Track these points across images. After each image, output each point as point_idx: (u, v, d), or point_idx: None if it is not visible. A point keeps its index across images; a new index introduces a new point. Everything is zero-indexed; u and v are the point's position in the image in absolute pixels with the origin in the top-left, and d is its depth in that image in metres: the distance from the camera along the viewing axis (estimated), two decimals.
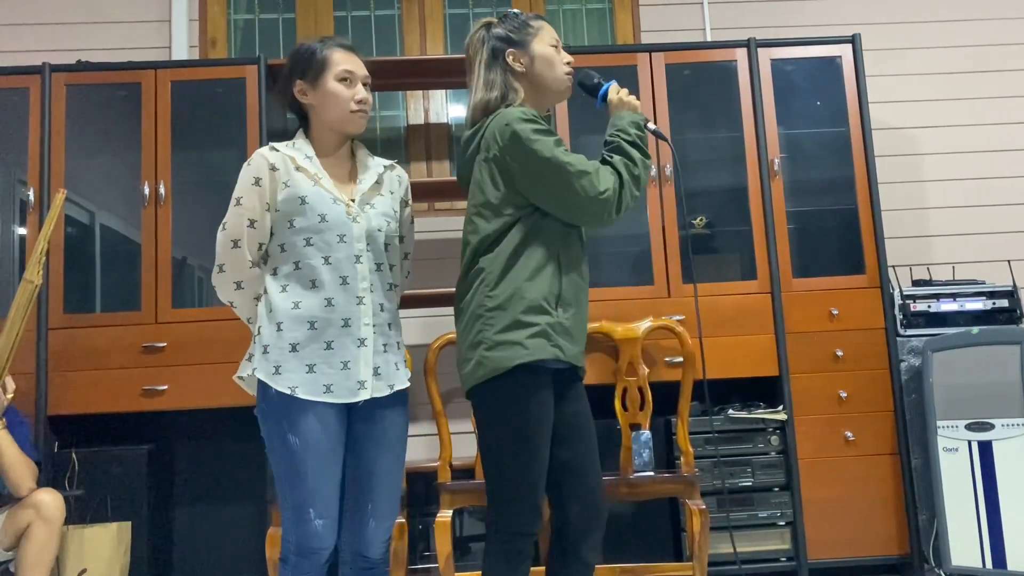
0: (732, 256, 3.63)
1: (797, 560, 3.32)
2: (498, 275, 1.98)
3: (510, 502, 1.95)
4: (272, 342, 1.98)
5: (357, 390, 1.99)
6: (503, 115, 2.03)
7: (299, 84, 2.09)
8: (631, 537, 3.40)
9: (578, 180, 1.98)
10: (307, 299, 1.99)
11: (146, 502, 3.28)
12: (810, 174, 3.67)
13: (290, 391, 1.94)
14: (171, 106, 3.52)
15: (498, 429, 1.96)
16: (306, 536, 1.93)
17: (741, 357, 3.44)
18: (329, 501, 1.95)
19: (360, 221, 2.05)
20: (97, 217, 3.56)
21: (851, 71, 3.65)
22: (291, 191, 2.02)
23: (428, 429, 3.89)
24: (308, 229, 2.00)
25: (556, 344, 1.97)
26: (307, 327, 1.98)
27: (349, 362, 1.99)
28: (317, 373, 1.96)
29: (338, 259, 2.01)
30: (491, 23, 2.18)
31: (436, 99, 4.21)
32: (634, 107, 2.16)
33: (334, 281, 2.01)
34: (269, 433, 1.96)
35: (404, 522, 2.94)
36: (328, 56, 2.07)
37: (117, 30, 4.10)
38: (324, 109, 2.07)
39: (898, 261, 4.03)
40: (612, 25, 4.31)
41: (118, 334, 3.38)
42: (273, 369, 1.96)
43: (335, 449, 1.97)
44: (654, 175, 3.54)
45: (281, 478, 1.95)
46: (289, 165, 2.04)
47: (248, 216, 2.01)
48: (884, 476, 3.39)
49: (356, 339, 2.00)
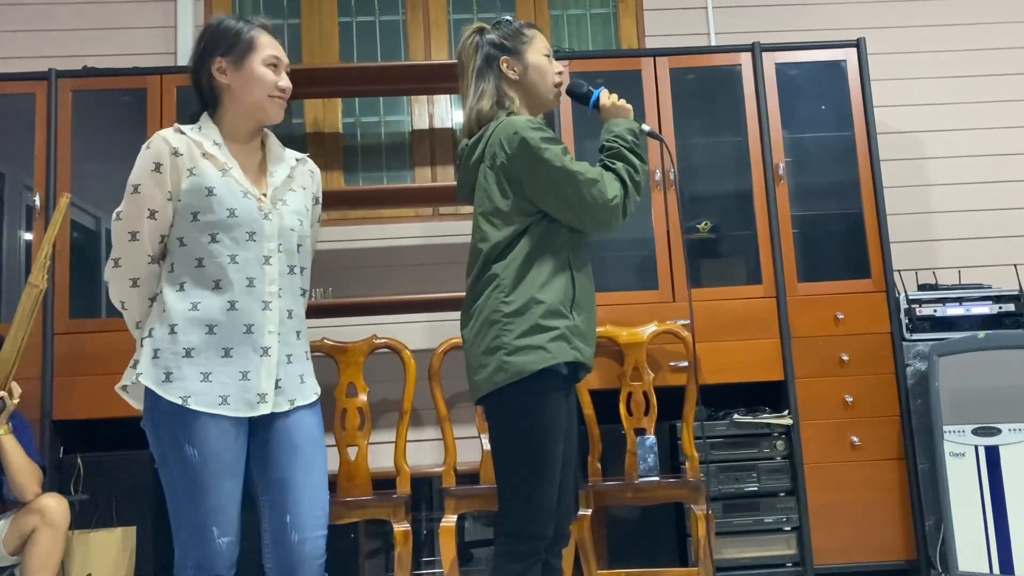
0: (737, 260, 3.63)
1: (803, 565, 3.30)
2: (513, 281, 1.98)
3: (527, 505, 1.94)
4: (164, 346, 1.80)
5: (256, 403, 1.83)
6: (509, 123, 2.03)
7: (219, 62, 1.90)
8: (636, 542, 3.39)
9: (588, 188, 1.99)
10: (207, 300, 1.82)
11: (151, 507, 3.28)
12: (815, 178, 3.66)
13: (181, 401, 1.77)
14: (176, 112, 3.53)
15: (519, 433, 1.95)
16: (209, 556, 1.78)
17: (746, 362, 3.43)
18: (231, 518, 1.80)
19: (272, 218, 1.88)
20: (103, 222, 3.57)
21: (856, 75, 3.64)
22: (196, 180, 1.83)
23: (433, 434, 3.89)
24: (214, 224, 1.82)
25: (575, 347, 1.98)
26: (204, 331, 1.81)
27: (249, 372, 1.82)
28: (213, 382, 1.79)
29: (246, 259, 1.84)
30: (483, 29, 2.19)
31: (440, 104, 4.21)
32: (627, 112, 2.18)
33: (240, 282, 1.83)
34: (162, 445, 1.79)
35: (408, 528, 2.93)
36: (256, 38, 1.92)
37: (123, 36, 4.12)
38: (245, 91, 1.90)
39: (904, 265, 4.02)
40: (616, 30, 4.31)
41: (123, 339, 3.38)
42: (163, 376, 1.78)
43: (237, 460, 1.81)
44: (658, 180, 3.53)
45: (177, 495, 1.78)
46: (195, 151, 1.86)
47: (148, 206, 1.82)
48: (890, 481, 3.38)
49: (259, 347, 1.83)
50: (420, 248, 4.03)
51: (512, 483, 1.96)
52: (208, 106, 1.96)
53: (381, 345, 3.13)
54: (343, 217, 4.06)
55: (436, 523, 3.61)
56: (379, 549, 3.63)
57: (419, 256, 4.02)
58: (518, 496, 1.95)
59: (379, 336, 3.15)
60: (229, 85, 1.91)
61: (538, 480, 1.94)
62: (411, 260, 4.02)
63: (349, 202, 3.77)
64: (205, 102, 1.96)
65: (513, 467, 1.95)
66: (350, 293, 3.94)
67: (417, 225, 4.06)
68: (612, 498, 3.00)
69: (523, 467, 1.94)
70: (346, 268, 3.98)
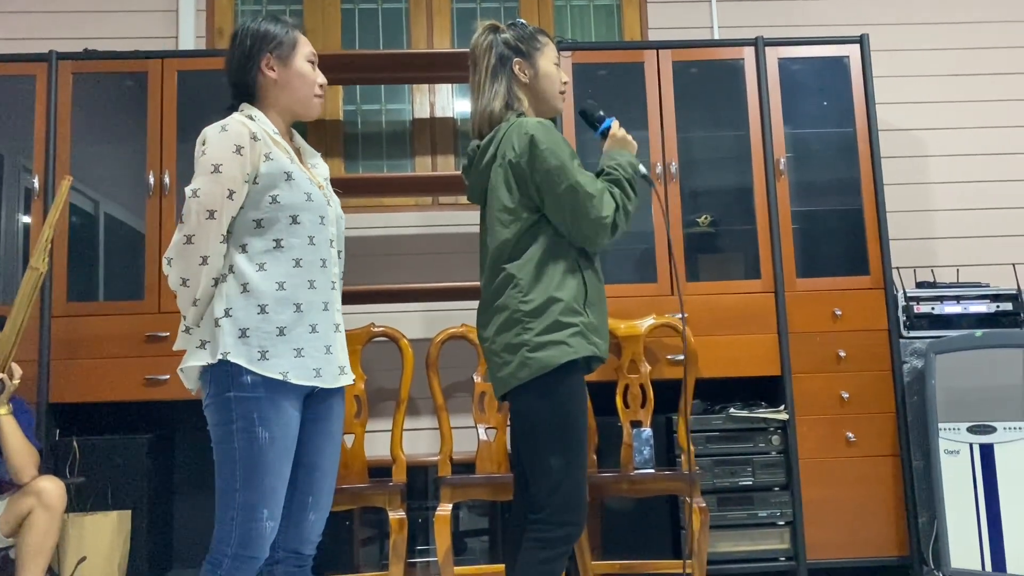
0: (736, 255, 3.63)
1: (796, 560, 3.32)
2: (530, 281, 2.04)
3: (560, 492, 1.99)
4: (254, 324, 1.85)
5: (338, 375, 1.95)
6: (522, 123, 2.09)
7: (268, 58, 2.00)
8: (630, 533, 3.40)
9: (587, 200, 2.04)
10: (292, 279, 1.91)
11: (147, 491, 3.29)
12: (816, 174, 3.66)
13: (282, 376, 1.84)
14: (177, 96, 3.52)
15: (548, 423, 2.01)
16: (252, 538, 1.81)
17: (743, 356, 3.43)
18: (281, 501, 1.86)
19: (332, 205, 2.03)
20: (102, 206, 3.56)
21: (859, 71, 3.64)
22: (275, 164, 1.92)
23: (429, 423, 3.90)
24: (295, 206, 1.92)
25: (592, 342, 2.06)
26: (293, 309, 1.90)
27: (331, 346, 1.94)
28: (305, 357, 1.88)
29: (320, 240, 1.96)
30: (497, 27, 2.23)
31: (442, 93, 4.20)
32: (632, 147, 2.25)
33: (316, 263, 1.95)
34: (229, 425, 1.82)
35: (404, 516, 2.94)
36: (297, 37, 2.04)
37: (124, 19, 4.10)
38: (290, 88, 2.01)
39: (902, 263, 4.02)
40: (620, 21, 4.30)
41: (121, 323, 3.38)
42: (258, 354, 1.84)
43: (293, 446, 1.88)
44: (659, 173, 3.53)
45: (233, 473, 1.81)
46: (267, 138, 1.95)
47: (228, 186, 1.87)
48: (885, 477, 3.39)
49: (334, 323, 1.96)
50: (419, 237, 4.03)
51: (545, 472, 2.00)
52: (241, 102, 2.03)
53: (379, 333, 3.13)
54: (343, 205, 4.04)
55: (431, 512, 3.62)
56: (374, 537, 3.64)
57: (418, 245, 4.02)
58: (551, 484, 2.00)
59: (377, 324, 3.15)
60: (276, 81, 2.01)
61: (570, 467, 2.00)
62: (410, 249, 4.02)
63: (349, 190, 3.77)
64: (241, 97, 2.03)
65: (545, 456, 2.01)
66: (349, 281, 3.94)
67: (417, 214, 4.06)
68: (607, 490, 3.01)
69: (555, 456, 2.00)
70: (345, 256, 3.98)
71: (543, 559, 1.97)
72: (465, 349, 3.85)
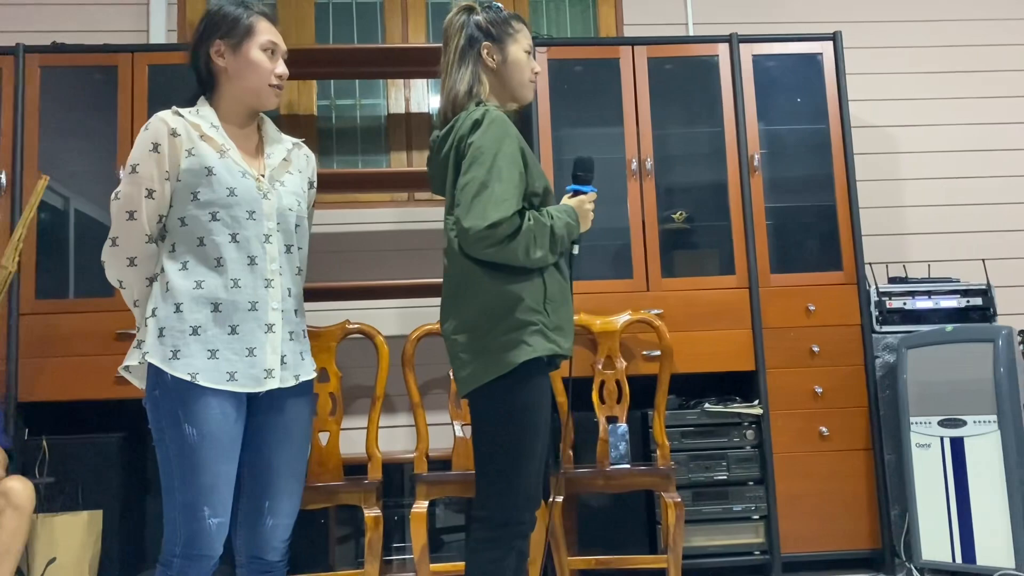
0: (711, 251, 3.64)
1: (770, 554, 3.34)
2: (487, 280, 1.98)
3: (509, 492, 1.97)
4: (170, 324, 1.83)
5: (263, 379, 1.87)
6: (476, 111, 2.03)
7: (218, 44, 1.94)
8: (606, 529, 3.41)
9: (483, 197, 1.91)
10: (211, 279, 1.85)
11: (118, 491, 3.24)
12: (789, 170, 3.68)
13: (190, 377, 1.79)
14: (148, 90, 3.47)
15: (505, 423, 1.97)
16: (198, 537, 1.79)
17: (718, 351, 3.45)
18: (224, 499, 1.81)
19: (271, 198, 1.93)
20: (72, 202, 3.50)
21: (832, 68, 3.66)
22: (195, 160, 1.86)
23: (405, 420, 3.88)
24: (214, 203, 1.86)
25: (552, 340, 2.01)
26: (210, 309, 1.84)
27: (255, 348, 1.86)
28: (220, 359, 1.83)
29: (246, 237, 1.88)
30: (472, 7, 2.16)
31: (417, 88, 4.18)
32: (586, 220, 2.15)
33: (241, 261, 1.87)
34: (161, 424, 1.81)
35: (380, 513, 2.93)
36: (254, 23, 1.95)
37: (94, 12, 4.04)
38: (241, 77, 1.94)
39: (875, 258, 4.06)
40: (595, 17, 4.30)
41: (91, 320, 3.34)
42: (170, 353, 1.81)
43: (234, 442, 1.83)
44: (634, 169, 3.54)
45: (171, 473, 1.80)
46: (192, 132, 1.88)
47: (146, 185, 1.85)
48: (857, 471, 3.42)
49: (263, 324, 1.88)
50: (395, 233, 4.01)
51: (495, 471, 1.97)
52: (205, 89, 1.99)
53: (354, 330, 3.11)
54: (317, 201, 4.01)
55: (407, 509, 3.61)
56: (349, 535, 3.62)
57: (394, 241, 4.00)
58: (500, 483, 1.97)
59: (352, 321, 3.13)
60: (226, 68, 1.95)
61: (519, 467, 1.96)
62: (385, 245, 4.00)
63: (323, 186, 3.73)
64: (202, 85, 1.99)
65: (496, 455, 1.98)
66: (323, 278, 3.91)
67: (392, 210, 4.04)
68: (583, 485, 3.02)
69: (507, 455, 1.96)
70: (320, 252, 3.95)
71: (493, 559, 1.94)
72: (441, 346, 3.84)
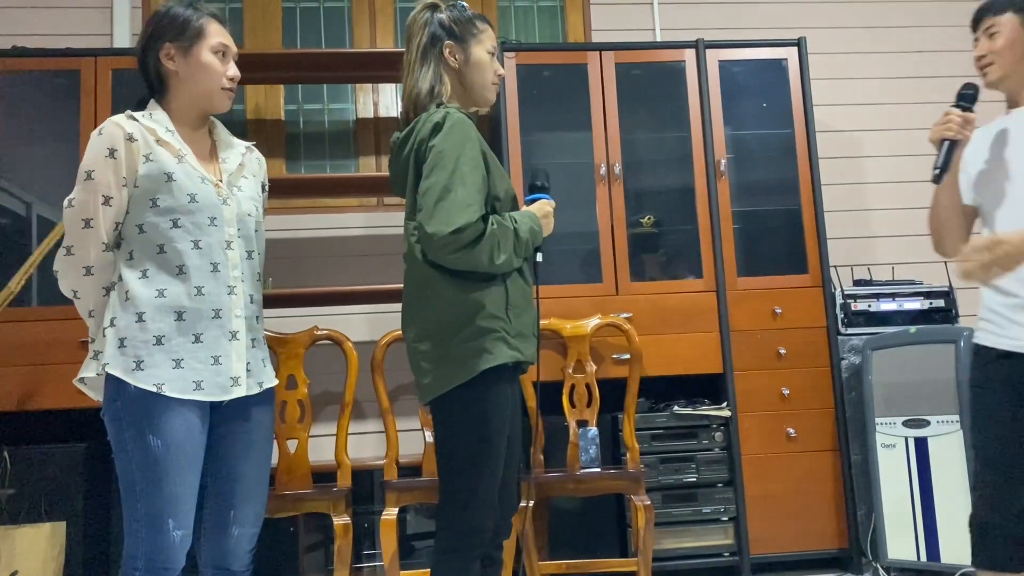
0: (679, 255, 3.67)
1: (739, 555, 3.37)
2: (448, 287, 1.96)
3: (470, 499, 1.95)
4: (132, 334, 1.79)
5: (229, 387, 1.85)
6: (436, 113, 2.00)
7: (167, 47, 1.89)
8: (577, 533, 3.42)
9: (446, 201, 1.88)
10: (173, 287, 1.82)
11: (82, 502, 3.19)
12: (756, 175, 3.72)
13: (156, 388, 1.76)
14: (112, 95, 3.42)
15: (465, 430, 1.96)
16: (161, 550, 1.75)
17: (687, 354, 3.47)
18: (189, 510, 1.78)
19: (231, 204, 1.90)
20: (34, 208, 3.45)
21: (796, 74, 3.71)
22: (154, 166, 1.82)
23: (375, 427, 3.86)
24: (175, 210, 1.82)
25: (514, 347, 1.99)
26: (173, 317, 1.81)
27: (220, 357, 1.84)
28: (185, 368, 1.80)
29: (209, 244, 1.85)
30: (436, 5, 2.14)
31: (386, 93, 4.17)
32: (547, 225, 2.13)
33: (204, 267, 1.84)
34: (123, 436, 1.77)
35: (349, 521, 2.91)
36: (204, 26, 1.92)
37: (56, 15, 3.98)
38: (193, 80, 1.90)
39: (840, 261, 4.11)
40: (563, 23, 4.32)
41: (55, 329, 3.28)
42: (133, 364, 1.77)
43: (197, 452, 1.81)
44: (603, 174, 3.55)
45: (133, 486, 1.76)
46: (149, 137, 1.84)
47: (102, 192, 1.80)
48: (824, 472, 3.46)
49: (227, 331, 1.85)
50: (364, 239, 3.99)
51: (456, 478, 1.96)
52: (155, 93, 1.95)
53: (323, 337, 3.09)
54: (285, 206, 3.99)
55: (377, 516, 3.59)
56: (319, 543, 3.59)
57: (362, 247, 3.98)
58: (462, 491, 1.95)
59: (320, 327, 3.11)
60: (177, 72, 1.91)
61: (480, 475, 1.95)
62: (354, 251, 3.98)
63: (291, 191, 3.71)
64: (152, 88, 1.95)
65: (457, 463, 1.96)
66: (291, 284, 3.88)
67: (361, 215, 4.02)
68: (554, 489, 3.02)
69: (467, 462, 1.95)
70: (287, 258, 3.92)
71: (456, 568, 1.93)
72: None
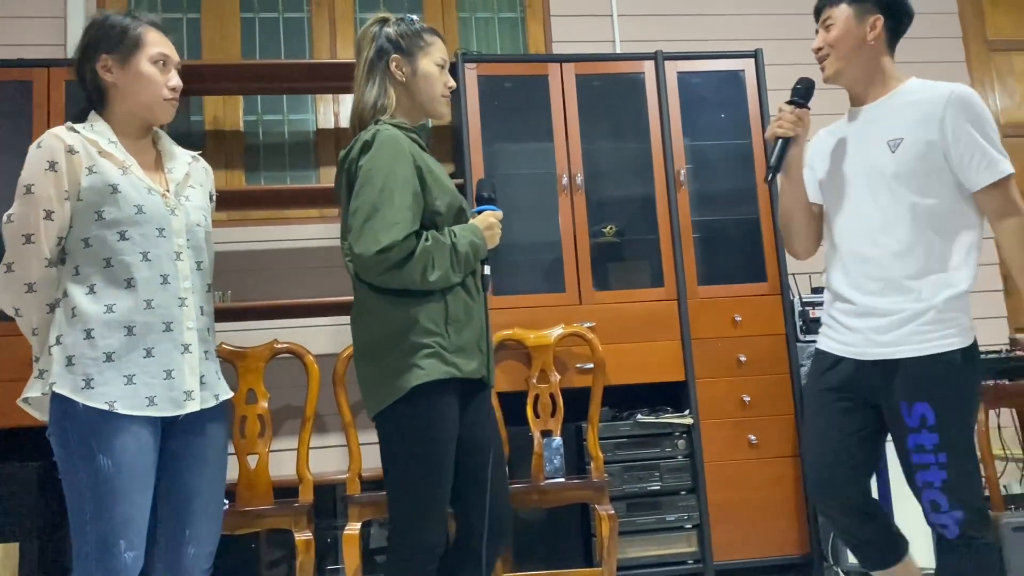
0: (641, 264, 3.69)
1: (703, 562, 3.38)
2: (385, 303, 1.96)
3: (415, 518, 1.95)
4: (80, 352, 1.73)
5: (183, 401, 1.81)
6: (370, 130, 1.99)
7: (104, 59, 1.86)
8: (542, 543, 3.41)
9: (374, 221, 1.88)
10: (122, 301, 1.77)
11: (36, 522, 3.11)
12: (715, 184, 3.76)
13: (107, 406, 1.71)
14: (65, 107, 3.36)
15: (402, 448, 1.96)
16: (113, 573, 1.70)
17: (649, 363, 3.50)
18: (141, 530, 1.74)
19: (179, 214, 1.86)
20: None
21: (753, 85, 3.76)
22: (98, 178, 1.78)
23: (337, 440, 3.82)
24: (121, 222, 1.78)
25: (451, 363, 1.97)
26: (123, 332, 1.76)
27: (172, 371, 1.79)
28: (137, 384, 1.75)
29: (158, 255, 1.81)
30: (386, 19, 2.14)
31: (347, 103, 4.15)
32: (493, 239, 2.12)
33: (153, 280, 1.80)
34: (71, 457, 1.72)
35: (311, 536, 2.87)
36: (142, 35, 1.88)
37: (8, 25, 3.91)
38: (132, 92, 1.86)
39: (798, 269, 4.17)
40: (524, 35, 4.34)
41: (7, 345, 3.20)
42: (83, 383, 1.72)
43: (149, 471, 1.76)
44: (565, 184, 3.57)
45: (83, 507, 1.71)
46: (91, 149, 1.80)
47: (43, 207, 1.75)
48: (785, 478, 3.50)
49: (179, 345, 1.81)
50: (324, 250, 3.96)
51: (401, 495, 1.96)
52: (95, 104, 1.91)
53: (283, 350, 3.05)
54: (244, 218, 3.95)
55: (340, 531, 3.55)
56: (281, 559, 3.54)
57: (323, 258, 3.95)
58: (407, 507, 1.95)
59: (280, 341, 3.08)
60: (116, 84, 1.87)
61: (427, 490, 1.94)
62: (315, 262, 3.94)
63: (250, 202, 3.67)
64: (91, 100, 1.91)
65: (398, 479, 1.97)
66: (250, 296, 3.83)
67: (321, 226, 3.99)
68: (519, 500, 3.01)
69: (412, 479, 1.95)
70: (247, 270, 3.87)
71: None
72: None
